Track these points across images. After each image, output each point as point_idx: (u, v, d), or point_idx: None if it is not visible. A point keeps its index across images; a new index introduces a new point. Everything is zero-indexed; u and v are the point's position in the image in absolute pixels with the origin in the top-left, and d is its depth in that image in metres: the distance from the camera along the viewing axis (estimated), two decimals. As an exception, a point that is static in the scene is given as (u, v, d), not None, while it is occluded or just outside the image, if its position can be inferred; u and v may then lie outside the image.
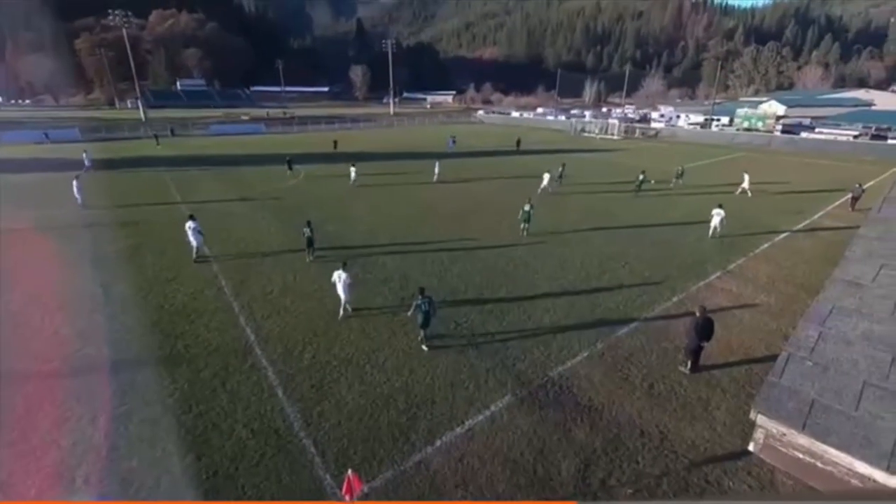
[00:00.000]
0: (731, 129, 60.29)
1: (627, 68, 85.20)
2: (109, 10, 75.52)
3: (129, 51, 75.79)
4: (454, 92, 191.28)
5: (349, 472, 5.81)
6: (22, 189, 26.51)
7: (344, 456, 7.27)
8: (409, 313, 10.39)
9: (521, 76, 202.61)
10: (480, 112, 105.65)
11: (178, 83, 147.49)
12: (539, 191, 24.48)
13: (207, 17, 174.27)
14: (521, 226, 18.03)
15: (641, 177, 25.20)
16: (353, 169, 27.73)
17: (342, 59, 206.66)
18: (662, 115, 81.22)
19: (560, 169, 27.23)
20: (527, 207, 17.70)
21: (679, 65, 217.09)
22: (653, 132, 62.75)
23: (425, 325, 10.03)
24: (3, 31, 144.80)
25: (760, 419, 6.95)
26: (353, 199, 24.30)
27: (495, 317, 11.70)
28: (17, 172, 31.64)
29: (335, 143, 44.54)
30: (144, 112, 78.33)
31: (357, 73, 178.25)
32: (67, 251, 16.34)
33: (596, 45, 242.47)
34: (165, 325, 11.22)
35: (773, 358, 8.44)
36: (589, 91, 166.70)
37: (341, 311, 11.50)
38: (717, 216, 17.57)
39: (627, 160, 39.42)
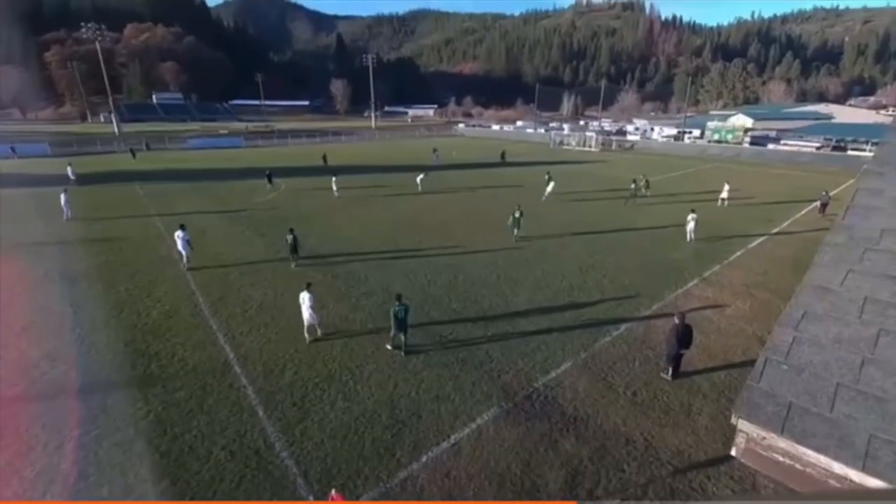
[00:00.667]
0: (703, 142, 62.52)
1: (603, 83, 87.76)
2: (82, 23, 74.05)
3: (102, 64, 74.23)
4: (435, 106, 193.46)
5: (333, 491, 5.65)
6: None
7: (328, 475, 7.07)
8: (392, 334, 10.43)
9: (500, 90, 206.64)
10: (461, 125, 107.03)
11: (153, 97, 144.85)
12: (543, 197, 25.74)
13: (185, 31, 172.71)
14: (513, 231, 18.82)
15: (633, 186, 25.87)
16: (333, 180, 27.70)
17: (323, 74, 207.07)
18: (637, 128, 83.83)
19: (546, 177, 27.76)
20: (517, 214, 18.57)
21: (652, 80, 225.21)
22: (629, 144, 64.58)
23: (403, 330, 10.17)
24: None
25: (741, 424, 7.07)
26: (335, 212, 24.11)
27: (480, 328, 11.68)
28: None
29: (325, 157, 43.00)
30: (118, 126, 76.53)
31: (338, 87, 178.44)
32: (36, 268, 15.66)
33: (572, 60, 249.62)
34: (139, 344, 10.81)
35: (752, 362, 8.63)
36: (567, 105, 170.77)
37: (306, 335, 10.97)
38: (691, 221, 18.71)
39: (606, 171, 40.37)
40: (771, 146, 55.69)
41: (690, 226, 18.71)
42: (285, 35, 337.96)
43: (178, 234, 15.62)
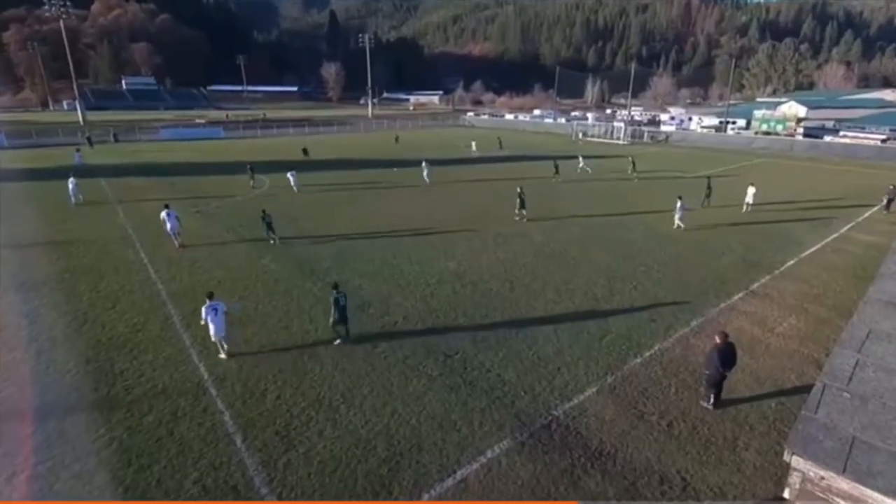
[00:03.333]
0: (749, 133, 62.31)
1: (633, 66, 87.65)
2: (44, 0, 75.61)
3: (66, 45, 75.68)
4: (441, 92, 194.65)
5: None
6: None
7: (314, 515, 7.04)
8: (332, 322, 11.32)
9: (515, 74, 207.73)
10: (470, 114, 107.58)
11: (123, 81, 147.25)
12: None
13: (159, 7, 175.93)
14: (519, 211, 22.06)
15: (708, 186, 25.85)
16: (290, 176, 29.21)
17: (313, 56, 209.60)
18: (672, 118, 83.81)
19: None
20: (519, 192, 22.07)
21: (689, 62, 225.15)
22: (663, 136, 64.47)
23: (343, 321, 11.25)
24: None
25: (795, 461, 6.94)
26: (325, 213, 24.24)
27: (490, 347, 11.63)
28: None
29: (305, 150, 44.22)
30: (83, 114, 77.79)
31: (330, 72, 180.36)
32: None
33: (597, 40, 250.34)
34: (103, 362, 10.87)
35: (807, 389, 8.52)
36: (591, 91, 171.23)
37: (222, 353, 11.05)
38: (679, 206, 21.04)
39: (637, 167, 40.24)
40: (828, 138, 55.36)
41: (677, 216, 21.06)
42: (271, 12, 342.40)
43: (164, 213, 18.31)
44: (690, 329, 12.60)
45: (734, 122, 67.94)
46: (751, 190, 24.86)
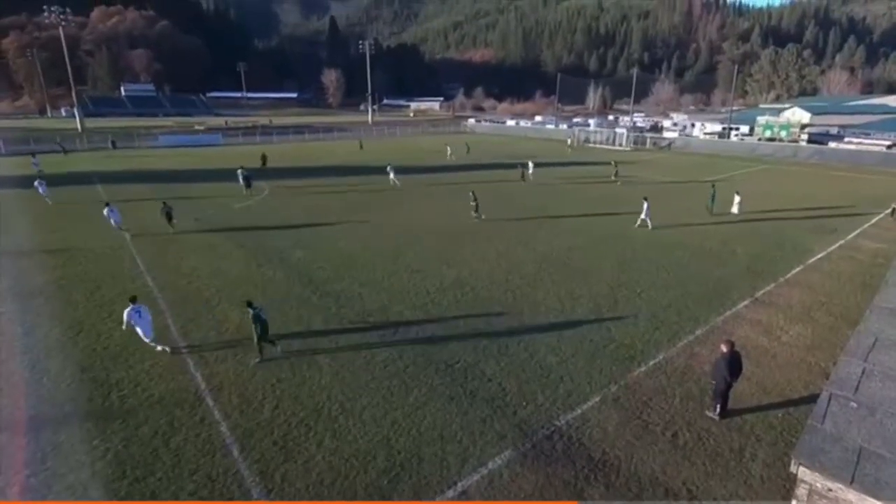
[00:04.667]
0: (752, 139, 62.50)
1: (635, 72, 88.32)
2: (44, 7, 76.37)
3: (65, 51, 76.34)
4: (441, 98, 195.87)
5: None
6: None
7: (312, 528, 7.00)
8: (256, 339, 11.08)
9: (516, 80, 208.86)
10: (471, 120, 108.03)
11: (122, 88, 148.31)
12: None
13: (159, 14, 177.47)
14: (475, 214, 23.56)
15: (713, 191, 25.43)
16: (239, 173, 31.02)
17: (313, 62, 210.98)
18: (675, 124, 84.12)
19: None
20: (471, 197, 23.63)
21: (691, 68, 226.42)
22: (665, 142, 64.71)
23: (265, 336, 11.08)
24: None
25: (802, 472, 6.89)
26: (324, 220, 24.26)
27: (492, 356, 11.61)
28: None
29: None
30: (81, 121, 78.27)
31: (330, 78, 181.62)
32: (-18, 284, 15.91)
33: (599, 46, 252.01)
34: (98, 372, 10.86)
35: (813, 399, 8.47)
36: (593, 97, 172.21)
37: (159, 347, 11.64)
38: (645, 207, 22.13)
39: (638, 173, 40.38)
40: (833, 144, 55.52)
41: (644, 214, 22.20)
42: (271, 19, 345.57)
43: (107, 211, 21.33)
44: (695, 338, 12.58)
45: (737, 129, 68.17)
46: (736, 199, 24.47)
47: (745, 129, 67.33)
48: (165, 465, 8.16)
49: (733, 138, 65.41)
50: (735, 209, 24.13)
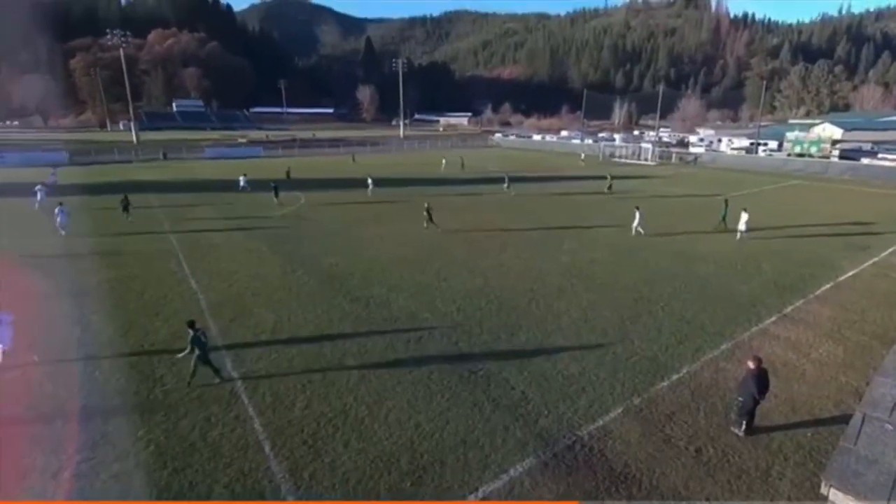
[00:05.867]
0: (782, 155, 60.36)
1: (661, 88, 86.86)
2: (107, 30, 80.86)
3: (124, 70, 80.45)
4: (470, 114, 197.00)
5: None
6: (28, 216, 27.48)
7: (337, 526, 7.01)
8: (182, 355, 10.53)
9: (543, 97, 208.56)
10: (498, 135, 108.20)
11: (174, 104, 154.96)
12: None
13: (209, 36, 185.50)
14: (426, 224, 23.67)
15: (725, 206, 24.43)
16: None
17: (349, 80, 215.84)
18: (702, 139, 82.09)
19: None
20: (426, 207, 23.81)
21: (718, 84, 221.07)
22: (692, 157, 63.16)
23: (207, 360, 10.46)
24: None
25: (834, 494, 6.50)
26: (357, 229, 24.60)
27: (514, 364, 11.46)
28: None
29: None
30: (137, 134, 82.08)
31: (365, 94, 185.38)
32: (44, 282, 16.73)
33: (625, 63, 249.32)
34: (144, 367, 11.23)
35: (845, 419, 8.03)
36: (618, 112, 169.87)
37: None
38: (637, 216, 22.72)
39: (664, 188, 39.52)
40: (865, 160, 53.04)
41: (636, 222, 22.82)
42: (312, 40, 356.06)
43: (57, 209, 22.45)
44: (720, 352, 12.12)
45: (765, 144, 65.99)
46: (744, 216, 22.14)
47: (773, 144, 65.13)
48: (203, 458, 8.34)
49: (761, 154, 63.34)
50: (742, 226, 22.33)
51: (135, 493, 7.58)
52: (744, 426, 9.01)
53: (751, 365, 8.94)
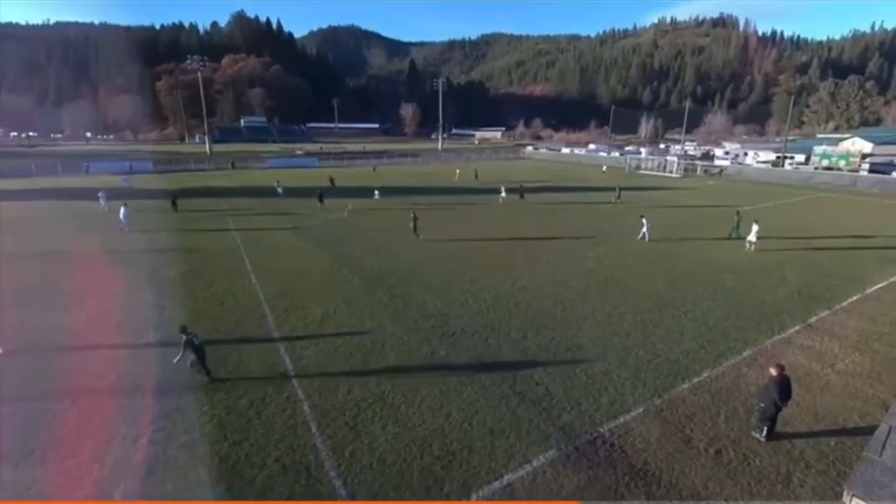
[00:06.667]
0: (808, 168, 56.81)
1: (687, 104, 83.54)
2: (188, 56, 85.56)
3: (201, 91, 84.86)
4: (503, 128, 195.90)
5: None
6: (91, 215, 29.48)
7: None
8: (177, 359, 10.08)
9: (572, 112, 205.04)
10: (529, 148, 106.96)
11: (241, 120, 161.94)
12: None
13: (273, 60, 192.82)
14: (414, 232, 22.65)
15: (737, 217, 23.43)
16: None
17: (394, 98, 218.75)
18: (727, 153, 78.31)
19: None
20: (412, 217, 22.79)
21: (745, 100, 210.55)
22: (717, 170, 60.38)
23: (202, 360, 10.18)
24: (99, 76, 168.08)
25: (857, 504, 6.04)
26: (397, 233, 24.86)
27: (540, 362, 11.27)
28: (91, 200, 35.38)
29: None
30: (210, 147, 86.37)
31: (407, 111, 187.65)
32: (128, 274, 17.81)
33: (652, 81, 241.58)
34: (211, 351, 11.72)
35: (870, 430, 7.43)
36: (645, 127, 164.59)
37: None
38: (645, 224, 22.72)
39: (684, 200, 37.98)
40: (897, 174, 49.08)
41: (644, 228, 22.72)
42: (362, 62, 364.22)
43: (122, 209, 23.90)
44: (742, 359, 11.50)
45: (792, 158, 62.25)
46: (754, 228, 20.78)
47: (800, 157, 61.38)
48: (257, 433, 8.64)
49: (787, 167, 59.79)
50: (753, 237, 20.93)
51: (199, 460, 7.93)
52: (765, 431, 8.51)
53: (773, 372, 8.44)
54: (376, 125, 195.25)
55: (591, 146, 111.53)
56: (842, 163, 53.60)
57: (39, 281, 16.87)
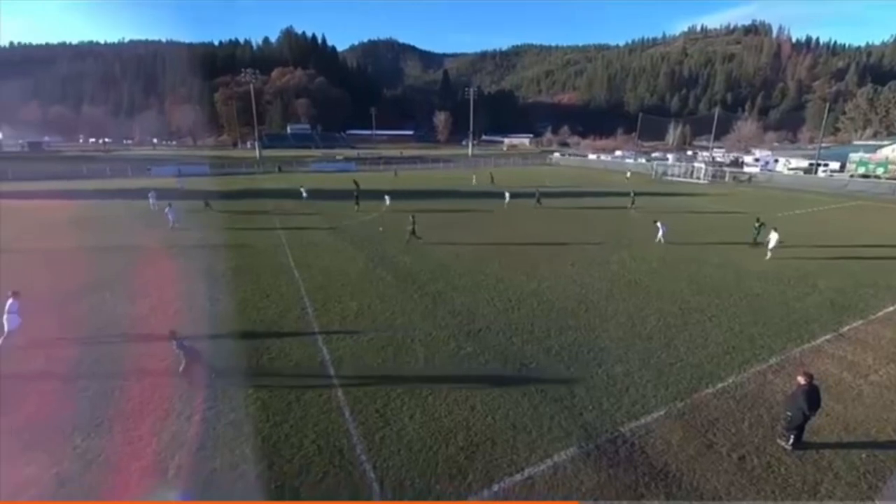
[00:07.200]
0: (843, 176, 53.22)
1: (716, 111, 79.97)
2: (242, 69, 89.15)
3: (253, 101, 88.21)
4: (531, 135, 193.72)
5: None
6: (147, 214, 31.09)
7: (401, 487, 7.15)
8: (182, 367, 9.69)
9: (599, 119, 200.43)
10: (556, 154, 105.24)
11: (288, 127, 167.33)
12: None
13: (318, 72, 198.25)
14: (409, 237, 22.15)
15: (757, 224, 22.23)
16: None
17: (428, 106, 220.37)
18: (757, 159, 74.47)
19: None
20: (412, 220, 22.46)
21: (777, 107, 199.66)
22: (746, 177, 57.49)
23: (198, 361, 9.78)
24: (165, 89, 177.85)
25: (889, 519, 5.61)
26: (427, 233, 24.98)
27: (562, 361, 11.06)
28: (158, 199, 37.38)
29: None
30: (259, 152, 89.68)
31: (440, 118, 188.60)
32: (184, 268, 18.70)
33: (681, 88, 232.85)
34: (256, 339, 12.19)
35: (906, 444, 6.90)
36: (672, 134, 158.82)
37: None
38: (660, 228, 22.48)
39: (712, 205, 36.34)
40: (941, 183, 45.24)
41: (660, 232, 22.40)
42: (398, 73, 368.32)
43: (167, 209, 25.03)
44: (769, 366, 10.89)
45: (826, 165, 58.47)
46: (773, 235, 19.65)
47: (834, 165, 57.60)
48: (296, 416, 8.88)
49: (821, 174, 56.19)
50: (772, 244, 19.69)
51: (245, 438, 8.24)
52: (791, 440, 8.03)
53: (801, 380, 7.95)
54: (411, 132, 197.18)
55: (618, 152, 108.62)
56: (880, 170, 49.94)
57: (110, 273, 17.97)
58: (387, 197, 34.13)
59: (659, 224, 22.64)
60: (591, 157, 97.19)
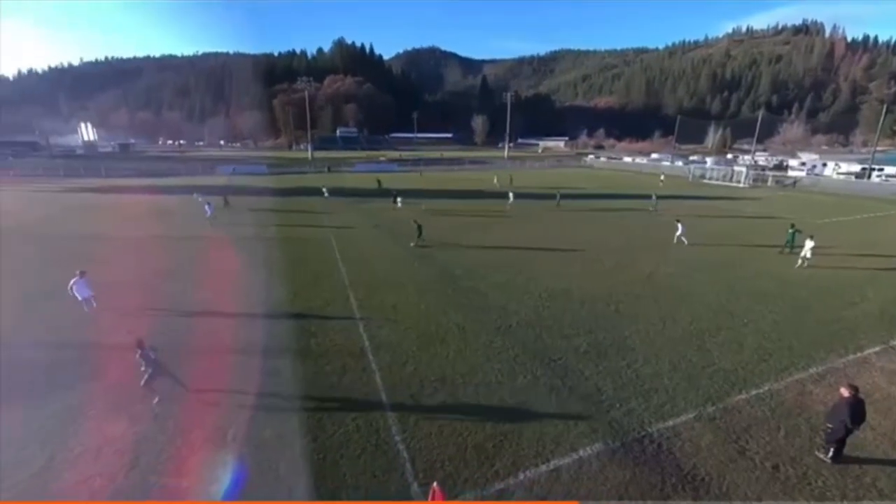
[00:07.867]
0: (900, 181, 48.03)
1: (760, 113, 74.30)
2: (298, 78, 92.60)
3: (307, 106, 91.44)
4: (566, 138, 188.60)
5: (434, 484, 5.76)
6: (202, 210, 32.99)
7: (431, 468, 7.24)
8: (145, 378, 8.73)
9: (636, 122, 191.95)
10: (590, 156, 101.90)
11: (337, 131, 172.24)
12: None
13: (365, 79, 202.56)
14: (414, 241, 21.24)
15: (791, 231, 20.38)
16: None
17: (466, 110, 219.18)
18: (803, 163, 68.71)
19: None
20: (416, 224, 21.74)
21: (827, 109, 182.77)
22: (790, 181, 53.19)
23: (161, 373, 8.85)
24: (231, 96, 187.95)
25: (940, 543, 5.06)
26: (463, 233, 25.00)
27: (591, 359, 10.75)
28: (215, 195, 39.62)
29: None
30: (311, 153, 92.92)
31: (478, 122, 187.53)
32: (244, 258, 19.71)
33: (723, 90, 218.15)
34: (304, 324, 12.68)
35: (962, 467, 6.18)
36: (712, 137, 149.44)
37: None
38: (679, 227, 21.63)
39: (751, 209, 33.92)
40: None
41: (679, 231, 21.57)
42: (439, 79, 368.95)
43: (206, 206, 26.28)
44: (808, 375, 10.08)
45: (881, 170, 53.02)
46: (809, 243, 17.98)
47: (891, 170, 52.12)
48: (337, 397, 9.19)
49: (874, 179, 51.02)
50: (807, 253, 17.92)
51: (293, 411, 8.62)
52: (831, 452, 7.41)
53: (845, 392, 7.31)
54: (450, 135, 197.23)
55: (654, 155, 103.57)
56: (943, 175, 44.64)
57: (183, 259, 19.27)
58: (398, 199, 33.27)
59: (679, 224, 21.92)
60: (627, 159, 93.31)
